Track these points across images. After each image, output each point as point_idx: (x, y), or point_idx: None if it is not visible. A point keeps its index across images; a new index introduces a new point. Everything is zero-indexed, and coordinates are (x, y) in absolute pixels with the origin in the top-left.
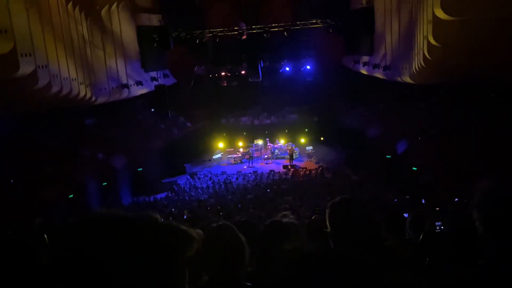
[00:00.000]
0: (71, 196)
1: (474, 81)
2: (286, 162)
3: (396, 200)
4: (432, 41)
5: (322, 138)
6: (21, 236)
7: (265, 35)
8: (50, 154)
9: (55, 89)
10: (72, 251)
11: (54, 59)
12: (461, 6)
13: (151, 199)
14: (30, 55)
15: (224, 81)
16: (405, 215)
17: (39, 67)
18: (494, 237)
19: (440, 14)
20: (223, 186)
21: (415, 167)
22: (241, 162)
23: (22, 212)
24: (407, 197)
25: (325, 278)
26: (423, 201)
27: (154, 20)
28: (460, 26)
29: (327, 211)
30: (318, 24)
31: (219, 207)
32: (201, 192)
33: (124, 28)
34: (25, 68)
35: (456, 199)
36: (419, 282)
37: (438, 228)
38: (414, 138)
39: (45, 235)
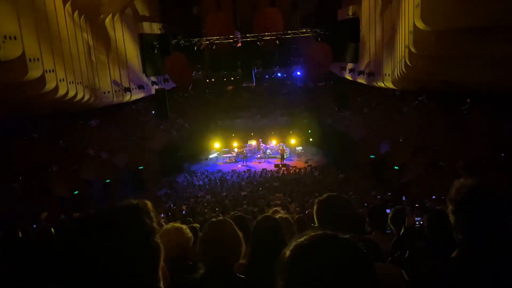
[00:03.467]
0: (76, 192)
1: (451, 87)
2: (278, 161)
3: (379, 197)
4: (413, 50)
5: (311, 139)
6: (29, 229)
7: (258, 43)
8: (57, 153)
9: (61, 92)
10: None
11: (60, 64)
12: (439, 17)
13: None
14: (38, 60)
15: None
16: (387, 210)
17: (46, 71)
18: (467, 230)
19: (420, 24)
20: (218, 184)
21: (396, 167)
22: (236, 161)
23: (31, 207)
24: (389, 194)
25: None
26: (404, 198)
27: (155, 28)
28: (439, 36)
29: (315, 207)
30: (308, 33)
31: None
32: (198, 189)
33: (127, 36)
34: (33, 72)
35: (434, 197)
36: (399, 272)
37: (417, 223)
38: (396, 140)
39: (52, 228)
